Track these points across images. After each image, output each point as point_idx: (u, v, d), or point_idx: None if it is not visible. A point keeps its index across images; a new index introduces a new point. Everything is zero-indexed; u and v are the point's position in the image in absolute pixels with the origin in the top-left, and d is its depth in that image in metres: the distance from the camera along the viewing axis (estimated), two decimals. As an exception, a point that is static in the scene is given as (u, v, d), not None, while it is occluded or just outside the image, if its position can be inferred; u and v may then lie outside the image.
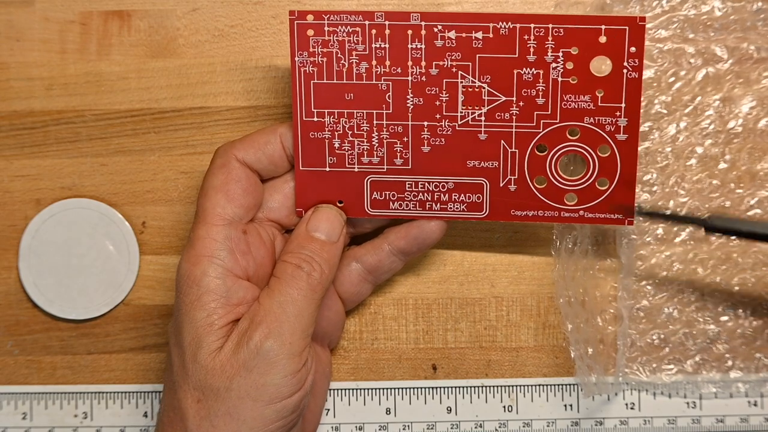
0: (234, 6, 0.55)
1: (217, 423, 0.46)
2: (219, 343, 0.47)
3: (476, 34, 0.49)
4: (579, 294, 0.54)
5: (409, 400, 0.57)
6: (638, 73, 0.49)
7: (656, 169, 0.54)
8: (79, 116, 0.56)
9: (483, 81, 0.49)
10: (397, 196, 0.51)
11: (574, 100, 0.49)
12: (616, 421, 0.56)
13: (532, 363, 0.56)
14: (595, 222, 0.51)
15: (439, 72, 0.49)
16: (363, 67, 0.49)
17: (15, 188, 0.56)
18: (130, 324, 0.57)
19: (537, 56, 0.49)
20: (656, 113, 0.54)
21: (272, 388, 0.46)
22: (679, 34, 0.54)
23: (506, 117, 0.50)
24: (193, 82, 0.56)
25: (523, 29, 0.48)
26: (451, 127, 0.50)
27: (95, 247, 0.56)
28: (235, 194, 0.49)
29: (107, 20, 0.55)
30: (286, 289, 0.48)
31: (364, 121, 0.50)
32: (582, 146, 0.50)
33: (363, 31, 0.49)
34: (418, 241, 0.52)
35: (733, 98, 0.54)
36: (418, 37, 0.49)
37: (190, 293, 0.47)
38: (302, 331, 0.47)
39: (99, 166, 0.56)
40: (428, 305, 0.56)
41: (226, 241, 0.48)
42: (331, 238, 0.50)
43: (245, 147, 0.50)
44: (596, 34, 0.48)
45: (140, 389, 0.57)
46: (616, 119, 0.49)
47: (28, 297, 0.57)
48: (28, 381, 0.57)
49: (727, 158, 0.54)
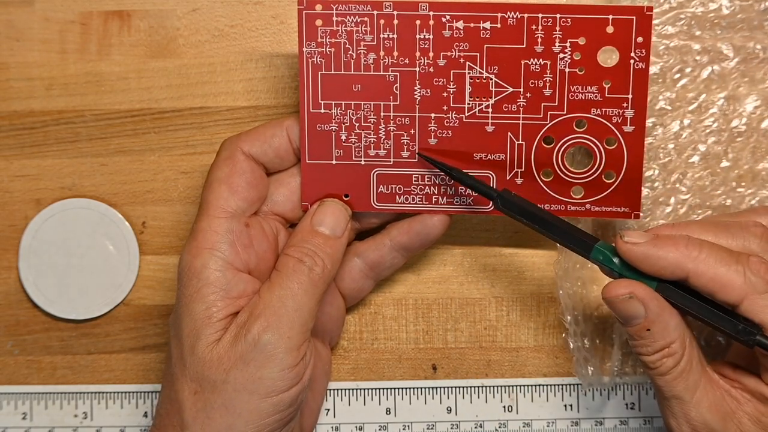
0: (234, 6, 0.55)
1: (213, 415, 0.46)
2: (217, 335, 0.47)
3: (484, 24, 0.49)
4: (578, 287, 0.54)
5: (409, 400, 0.56)
6: (645, 63, 0.49)
7: (658, 165, 0.54)
8: (79, 116, 0.56)
9: (490, 72, 0.49)
10: (403, 190, 0.51)
11: (581, 91, 0.49)
12: (616, 421, 0.56)
13: (532, 363, 0.56)
14: (602, 216, 0.51)
15: (447, 63, 0.49)
16: (371, 57, 0.49)
17: (15, 188, 0.56)
18: (130, 324, 0.57)
19: (544, 47, 0.49)
20: (660, 109, 0.54)
21: (269, 381, 0.46)
22: (685, 31, 0.54)
23: (513, 108, 0.50)
24: (193, 82, 0.56)
25: (531, 19, 0.49)
26: (458, 119, 0.50)
27: (95, 247, 0.56)
28: (238, 187, 0.49)
29: (107, 20, 0.56)
30: (287, 282, 0.48)
31: (371, 112, 0.50)
32: (589, 138, 0.50)
33: (371, 21, 0.49)
34: (421, 237, 0.52)
35: (738, 97, 0.54)
36: (426, 28, 0.49)
37: (190, 285, 0.47)
38: (301, 325, 0.47)
39: (99, 166, 0.56)
40: (428, 305, 0.56)
41: (227, 233, 0.48)
42: (335, 233, 0.50)
43: (251, 140, 0.50)
44: (603, 24, 0.48)
45: (140, 389, 0.57)
46: (623, 110, 0.49)
47: (28, 297, 0.57)
48: (28, 381, 0.57)
49: (730, 157, 0.54)
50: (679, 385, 0.46)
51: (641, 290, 0.46)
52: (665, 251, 0.45)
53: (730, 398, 0.47)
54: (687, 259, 0.45)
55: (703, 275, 0.45)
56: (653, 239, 0.46)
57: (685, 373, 0.46)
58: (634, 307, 0.46)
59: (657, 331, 0.46)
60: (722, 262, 0.45)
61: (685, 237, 0.46)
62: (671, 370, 0.46)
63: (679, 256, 0.45)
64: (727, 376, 0.48)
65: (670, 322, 0.46)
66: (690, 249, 0.45)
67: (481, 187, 0.49)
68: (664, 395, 0.47)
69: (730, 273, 0.45)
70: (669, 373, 0.46)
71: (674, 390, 0.47)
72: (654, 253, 0.45)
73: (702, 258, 0.45)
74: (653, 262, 0.45)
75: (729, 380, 0.48)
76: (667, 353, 0.46)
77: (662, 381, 0.47)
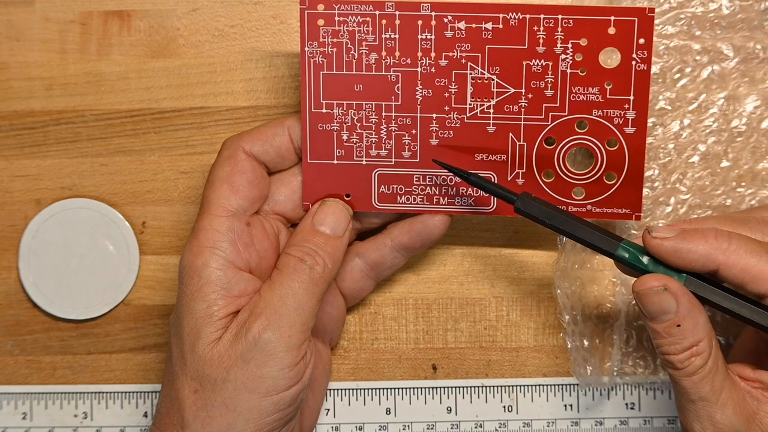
0: (234, 6, 0.55)
1: (213, 414, 0.46)
2: (218, 334, 0.47)
3: (486, 24, 0.49)
4: (576, 287, 0.54)
5: (409, 400, 0.56)
6: (647, 65, 0.49)
7: (658, 165, 0.54)
8: (79, 116, 0.56)
9: (492, 72, 0.49)
10: (404, 190, 0.51)
11: (583, 92, 0.49)
12: (616, 421, 0.56)
13: (532, 363, 0.56)
14: (603, 217, 0.51)
15: (449, 63, 0.49)
16: (373, 57, 0.49)
17: (15, 188, 0.56)
18: (130, 324, 0.57)
19: (546, 47, 0.49)
20: (660, 109, 0.54)
21: (269, 380, 0.46)
22: (686, 31, 0.54)
23: (515, 109, 0.50)
24: (193, 82, 0.56)
25: (533, 20, 0.49)
26: (460, 120, 0.50)
27: (95, 247, 0.56)
28: (240, 186, 0.49)
29: (107, 20, 0.56)
30: (288, 281, 0.48)
31: (372, 112, 0.50)
32: (590, 139, 0.50)
33: (373, 21, 0.49)
34: (422, 237, 0.52)
35: (738, 97, 0.54)
36: (428, 28, 0.49)
37: (191, 284, 0.47)
38: (302, 324, 0.47)
39: (99, 166, 0.56)
40: (428, 305, 0.56)
41: (228, 232, 0.48)
42: (336, 233, 0.50)
43: (253, 139, 0.50)
44: (605, 25, 0.48)
45: (140, 389, 0.57)
46: (625, 112, 0.49)
47: (28, 297, 0.57)
48: (28, 381, 0.57)
49: (730, 157, 0.54)
50: (706, 386, 0.46)
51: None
52: (695, 244, 0.45)
53: (751, 399, 0.47)
54: (717, 251, 0.45)
55: (733, 266, 0.45)
56: (682, 233, 0.45)
57: (712, 374, 0.46)
58: (667, 301, 0.45)
59: (687, 327, 0.45)
60: (752, 253, 0.45)
61: (714, 229, 0.46)
62: (699, 369, 0.46)
63: (709, 248, 0.45)
64: (746, 377, 0.47)
65: (699, 319, 0.45)
66: (719, 241, 0.45)
67: (500, 191, 0.48)
68: (690, 398, 0.46)
69: (761, 264, 0.45)
70: (697, 373, 0.46)
71: (701, 391, 0.46)
72: (684, 247, 0.45)
73: (732, 249, 0.45)
74: (683, 255, 0.45)
75: (748, 381, 0.47)
76: (695, 352, 0.45)
77: (689, 382, 0.46)
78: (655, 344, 0.47)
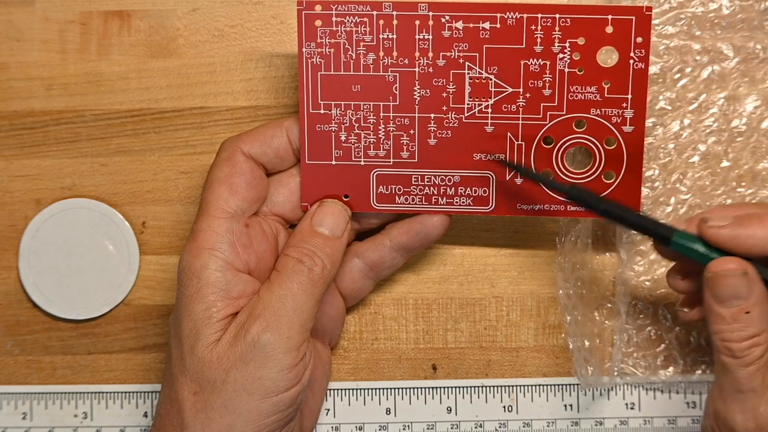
0: (234, 6, 0.55)
1: (212, 415, 0.46)
2: (217, 335, 0.47)
3: (483, 24, 0.49)
4: (577, 287, 0.54)
5: (409, 400, 0.56)
6: (645, 63, 0.49)
7: (658, 165, 0.54)
8: (79, 116, 0.56)
9: (490, 72, 0.49)
10: (403, 190, 0.51)
11: (581, 92, 0.49)
12: (616, 421, 0.56)
13: (532, 363, 0.56)
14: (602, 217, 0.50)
15: (446, 63, 0.49)
16: (370, 58, 0.49)
17: (15, 188, 0.56)
18: (130, 324, 0.57)
19: (544, 47, 0.49)
20: (660, 109, 0.54)
21: (268, 381, 0.46)
22: (685, 31, 0.54)
23: (513, 109, 0.50)
24: (193, 82, 0.56)
25: (531, 19, 0.49)
26: (458, 120, 0.50)
27: (95, 247, 0.56)
28: (238, 187, 0.49)
29: (107, 20, 0.56)
30: (286, 282, 0.48)
31: (370, 113, 0.50)
32: (588, 138, 0.50)
33: (371, 22, 0.49)
34: (421, 237, 0.52)
35: (738, 97, 0.54)
36: (426, 28, 0.49)
37: (190, 285, 0.47)
38: (301, 325, 0.47)
39: (99, 166, 0.56)
40: (428, 305, 0.56)
41: (227, 234, 0.48)
42: (334, 234, 0.50)
43: (251, 140, 0.50)
44: (603, 24, 0.48)
45: (140, 389, 0.57)
46: (623, 111, 0.49)
47: (28, 297, 0.57)
48: (28, 381, 0.57)
49: (730, 157, 0.54)
50: (758, 377, 0.45)
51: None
52: (752, 229, 0.45)
53: None
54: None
55: None
56: (737, 219, 0.45)
57: (765, 366, 0.45)
58: (743, 286, 0.45)
59: (755, 315, 0.45)
60: None
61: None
62: (757, 360, 0.45)
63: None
64: None
65: (765, 309, 0.45)
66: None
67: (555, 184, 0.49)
68: (740, 388, 0.46)
69: None
70: (754, 363, 0.45)
71: (753, 383, 0.45)
72: (742, 233, 0.45)
73: None
74: (742, 241, 0.45)
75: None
76: (757, 342, 0.45)
77: (745, 372, 0.45)
78: (713, 330, 0.46)
